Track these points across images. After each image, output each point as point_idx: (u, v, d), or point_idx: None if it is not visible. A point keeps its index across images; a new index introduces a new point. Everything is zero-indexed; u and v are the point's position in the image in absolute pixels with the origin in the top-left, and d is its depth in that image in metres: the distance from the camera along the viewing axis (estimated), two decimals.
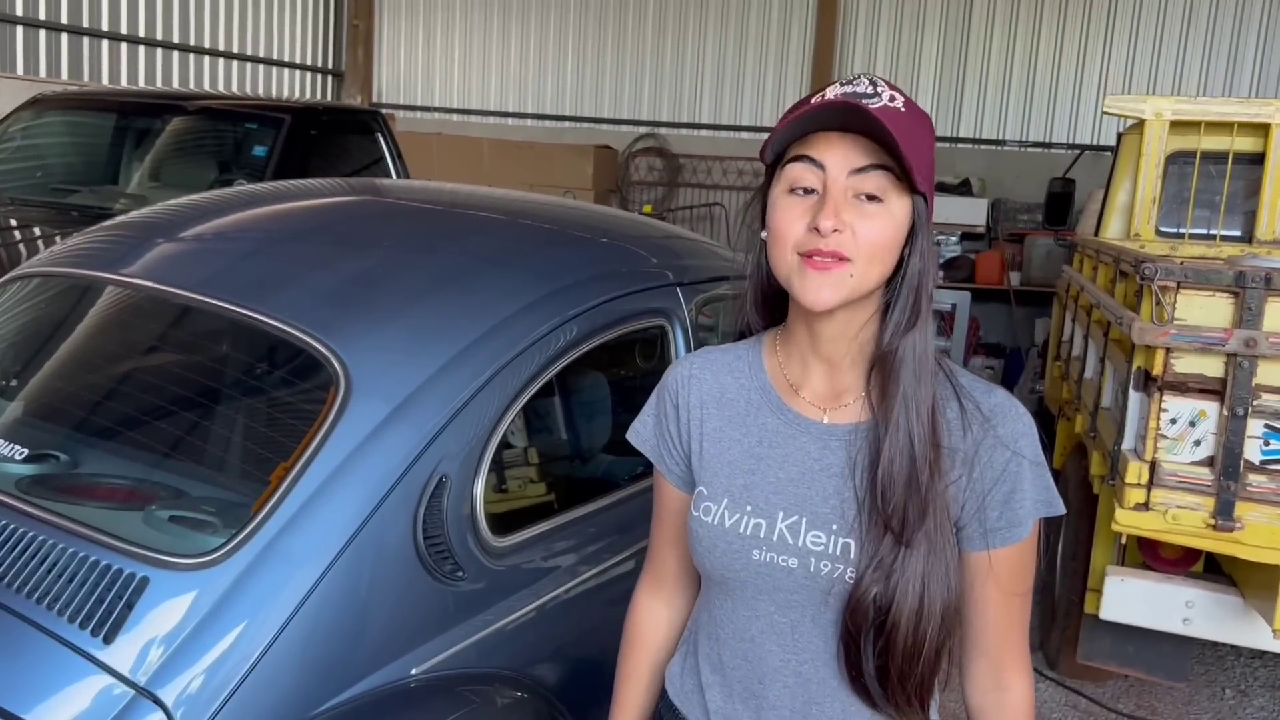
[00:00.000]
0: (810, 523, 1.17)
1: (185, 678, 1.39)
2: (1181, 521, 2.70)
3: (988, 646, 1.21)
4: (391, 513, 1.57)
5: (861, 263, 1.10)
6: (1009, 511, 1.16)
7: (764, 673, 1.22)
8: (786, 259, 1.13)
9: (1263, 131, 4.17)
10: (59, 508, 1.58)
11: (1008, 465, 1.15)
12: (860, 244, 1.10)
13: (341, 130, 5.62)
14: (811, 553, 1.16)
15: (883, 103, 1.10)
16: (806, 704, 1.21)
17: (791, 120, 1.12)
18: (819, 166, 1.11)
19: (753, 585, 1.20)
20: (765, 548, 1.18)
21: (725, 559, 1.20)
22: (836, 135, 1.11)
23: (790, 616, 1.19)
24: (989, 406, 1.17)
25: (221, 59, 9.93)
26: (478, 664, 1.71)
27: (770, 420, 1.22)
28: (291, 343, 1.70)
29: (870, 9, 9.98)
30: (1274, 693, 3.78)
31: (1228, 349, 2.61)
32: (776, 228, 1.14)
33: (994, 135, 9.81)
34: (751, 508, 1.20)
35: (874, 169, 1.10)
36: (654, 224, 2.88)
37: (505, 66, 11.16)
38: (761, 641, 1.21)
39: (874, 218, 1.11)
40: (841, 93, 1.11)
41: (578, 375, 2.19)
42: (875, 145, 1.10)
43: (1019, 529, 1.16)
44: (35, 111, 5.40)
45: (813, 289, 1.11)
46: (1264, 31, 9.06)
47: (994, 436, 1.15)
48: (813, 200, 1.12)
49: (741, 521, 1.20)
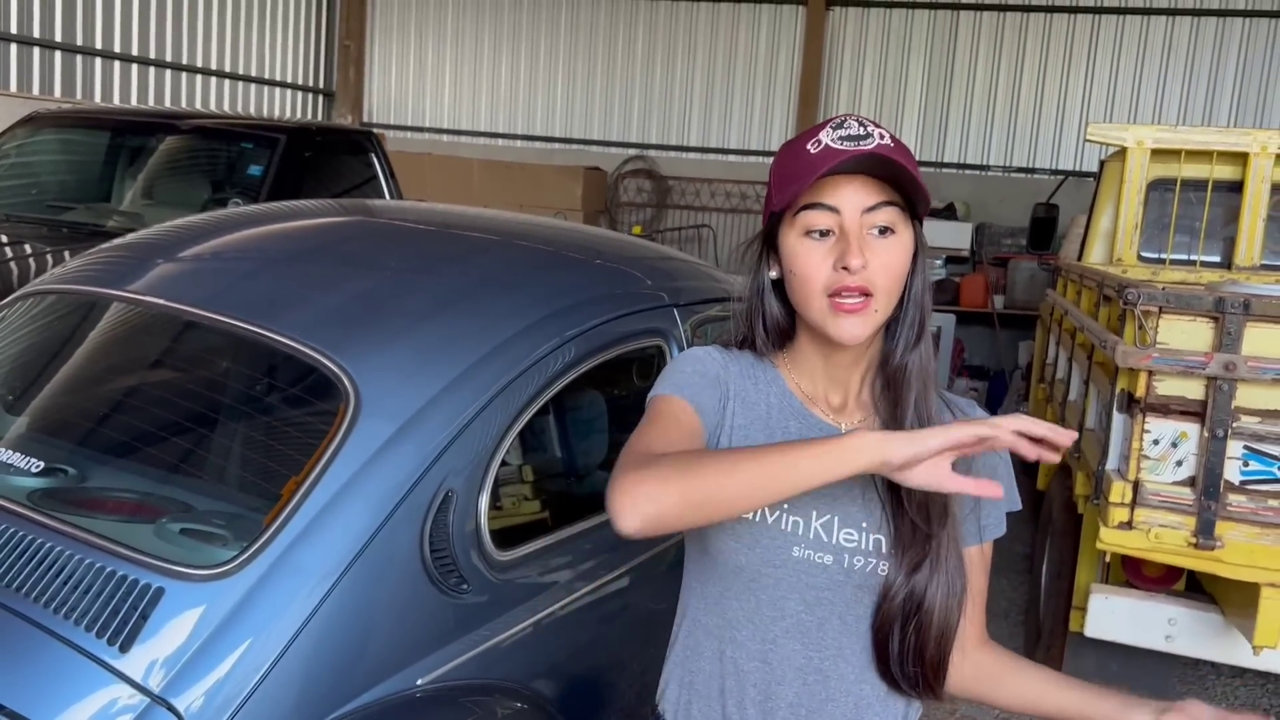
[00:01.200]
0: (842, 521, 1.23)
1: (199, 686, 1.42)
2: (1164, 540, 2.76)
3: (974, 615, 1.35)
4: (399, 526, 1.61)
5: (883, 296, 1.20)
6: (996, 508, 1.32)
7: (785, 673, 1.25)
8: (816, 303, 1.21)
9: (1241, 160, 4.27)
10: (74, 519, 1.61)
11: (997, 468, 1.29)
12: (880, 275, 1.18)
13: (335, 150, 5.66)
14: (845, 549, 1.23)
15: (876, 142, 1.17)
16: (824, 701, 1.25)
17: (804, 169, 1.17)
18: (833, 210, 1.19)
19: (787, 583, 1.24)
20: (804, 545, 1.23)
21: (767, 554, 1.24)
22: (844, 177, 1.18)
23: (818, 614, 1.24)
24: (975, 414, 1.30)
25: (214, 78, 9.98)
26: (480, 675, 1.74)
27: (793, 424, 1.28)
28: (302, 360, 1.74)
29: (857, 35, 10.13)
30: (1254, 711, 3.84)
31: (1208, 372, 2.68)
32: (802, 273, 1.21)
33: (978, 160, 9.95)
34: (788, 506, 1.24)
35: (884, 206, 1.19)
36: (650, 246, 2.94)
37: (495, 88, 11.24)
38: (784, 642, 1.25)
39: (890, 251, 1.19)
40: (839, 137, 1.18)
41: (578, 394, 2.24)
42: (880, 182, 1.18)
43: (1003, 523, 1.33)
44: (31, 129, 5.42)
45: (845, 328, 1.19)
46: (1242, 62, 9.24)
47: None
48: (830, 241, 1.19)
49: (782, 519, 1.24)
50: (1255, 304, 2.66)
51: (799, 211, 1.20)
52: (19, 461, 1.73)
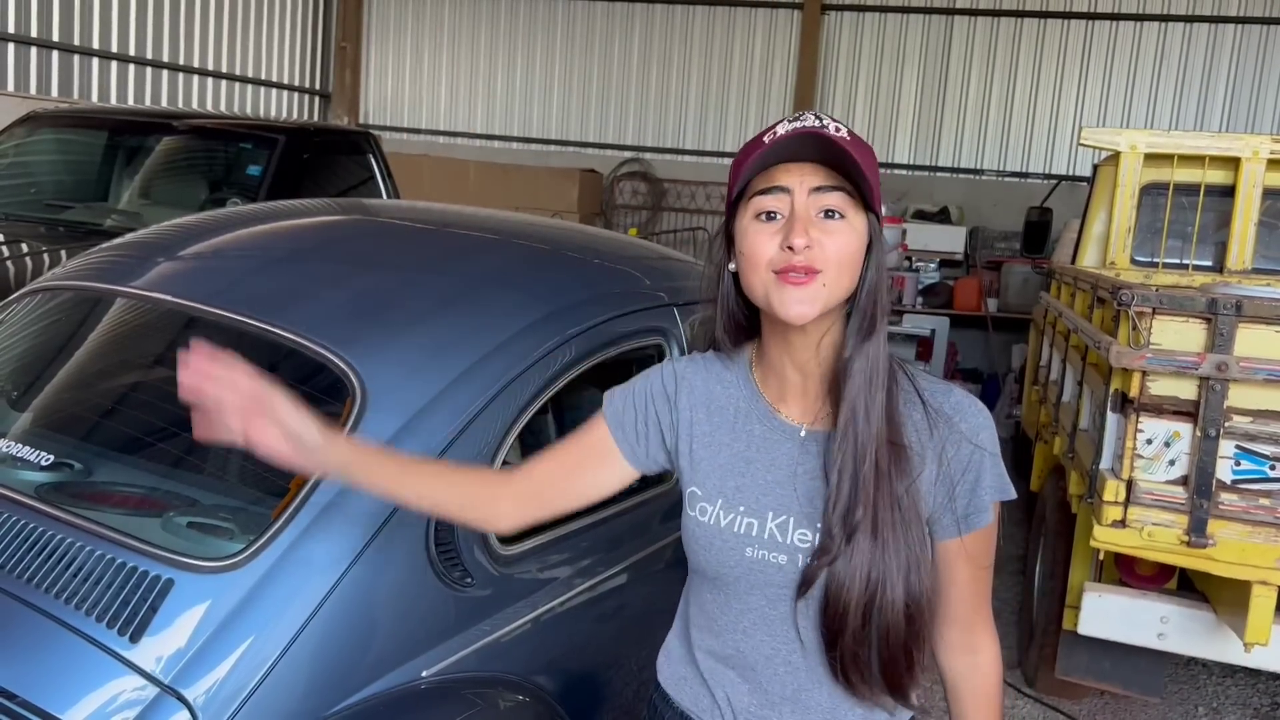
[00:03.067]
0: (796, 522, 1.27)
1: (208, 677, 1.43)
2: (1157, 538, 2.79)
3: (959, 615, 1.33)
4: (405, 520, 1.63)
5: (831, 273, 1.20)
6: (975, 499, 1.27)
7: (756, 661, 1.31)
8: (762, 278, 1.22)
9: (1233, 165, 4.31)
10: (84, 512, 1.62)
11: (971, 457, 1.26)
12: (829, 256, 1.20)
13: (334, 151, 5.68)
14: (799, 549, 1.26)
15: (829, 135, 1.20)
16: (797, 691, 1.30)
17: (756, 156, 1.21)
18: (783, 191, 1.21)
19: (745, 580, 1.29)
20: (757, 545, 1.28)
21: (721, 555, 1.30)
22: (794, 164, 1.22)
23: (780, 609, 1.28)
24: (950, 405, 1.28)
25: (210, 78, 9.99)
26: (483, 669, 1.76)
27: (757, 427, 1.32)
28: (309, 356, 1.76)
29: (852, 39, 10.17)
30: (1244, 710, 3.88)
31: (1201, 372, 2.71)
32: (750, 252, 1.23)
33: (972, 165, 10.00)
34: (744, 508, 1.29)
35: (832, 189, 1.21)
36: (648, 246, 2.96)
37: (492, 90, 11.26)
38: (753, 633, 1.31)
39: (838, 233, 1.21)
40: (793, 128, 1.21)
41: (579, 393, 2.26)
42: (830, 170, 1.21)
43: (985, 514, 1.28)
44: (29, 128, 5.43)
45: (792, 303, 1.20)
46: (1234, 68, 9.31)
47: (957, 432, 1.26)
48: (779, 224, 1.21)
49: (736, 521, 1.29)
50: (1247, 305, 2.69)
51: (752, 197, 1.23)
52: (28, 455, 1.75)
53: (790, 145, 1.20)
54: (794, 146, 1.20)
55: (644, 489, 2.20)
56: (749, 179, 1.23)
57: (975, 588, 1.33)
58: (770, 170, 1.22)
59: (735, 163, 1.26)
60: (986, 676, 1.36)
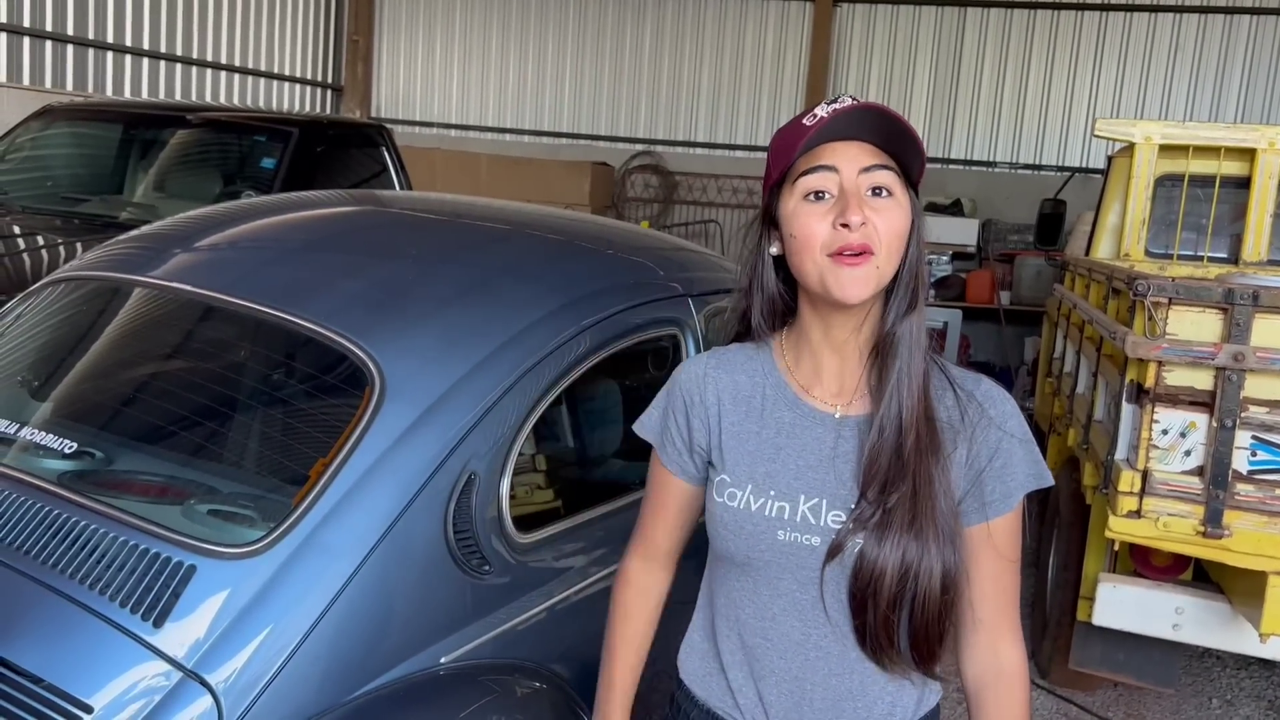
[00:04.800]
0: (830, 504, 1.26)
1: (231, 662, 1.45)
2: (1172, 529, 2.79)
3: (985, 616, 1.30)
4: (424, 508, 1.64)
5: (883, 254, 1.20)
6: (1002, 484, 1.27)
7: (785, 648, 1.30)
8: (816, 260, 1.21)
9: (1249, 156, 4.28)
10: (108, 499, 1.64)
11: (1000, 443, 1.27)
12: (881, 235, 1.20)
13: (347, 144, 5.70)
14: (833, 529, 1.25)
15: (889, 111, 1.20)
16: (827, 676, 1.29)
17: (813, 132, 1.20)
18: (831, 170, 1.21)
19: (776, 565, 1.28)
20: (789, 528, 1.27)
21: (751, 540, 1.29)
22: (840, 144, 1.22)
23: (810, 594, 1.27)
24: (980, 393, 1.29)
25: (223, 72, 10.02)
26: (501, 655, 1.77)
27: (786, 414, 1.31)
28: (328, 345, 1.77)
29: (864, 32, 10.14)
30: (1258, 702, 3.87)
31: (1217, 363, 2.70)
32: (801, 234, 1.22)
33: (985, 157, 9.96)
34: (775, 493, 1.28)
35: (879, 168, 1.21)
36: (663, 237, 2.96)
37: (504, 83, 11.26)
38: (783, 619, 1.29)
39: (888, 210, 1.21)
40: (834, 109, 1.20)
41: (595, 383, 2.27)
42: (876, 149, 1.21)
43: (1011, 499, 1.27)
44: (45, 121, 5.46)
45: (847, 284, 1.19)
46: (1249, 59, 9.24)
47: (986, 418, 1.27)
48: (828, 204, 1.21)
49: (766, 505, 1.28)
50: (1264, 295, 2.68)
51: (798, 178, 1.23)
52: (53, 443, 1.77)
53: (849, 121, 1.20)
54: (853, 121, 1.20)
55: None
56: (797, 159, 1.22)
57: (1001, 584, 1.30)
58: (816, 150, 1.22)
59: (778, 146, 1.25)
60: (1012, 688, 1.31)
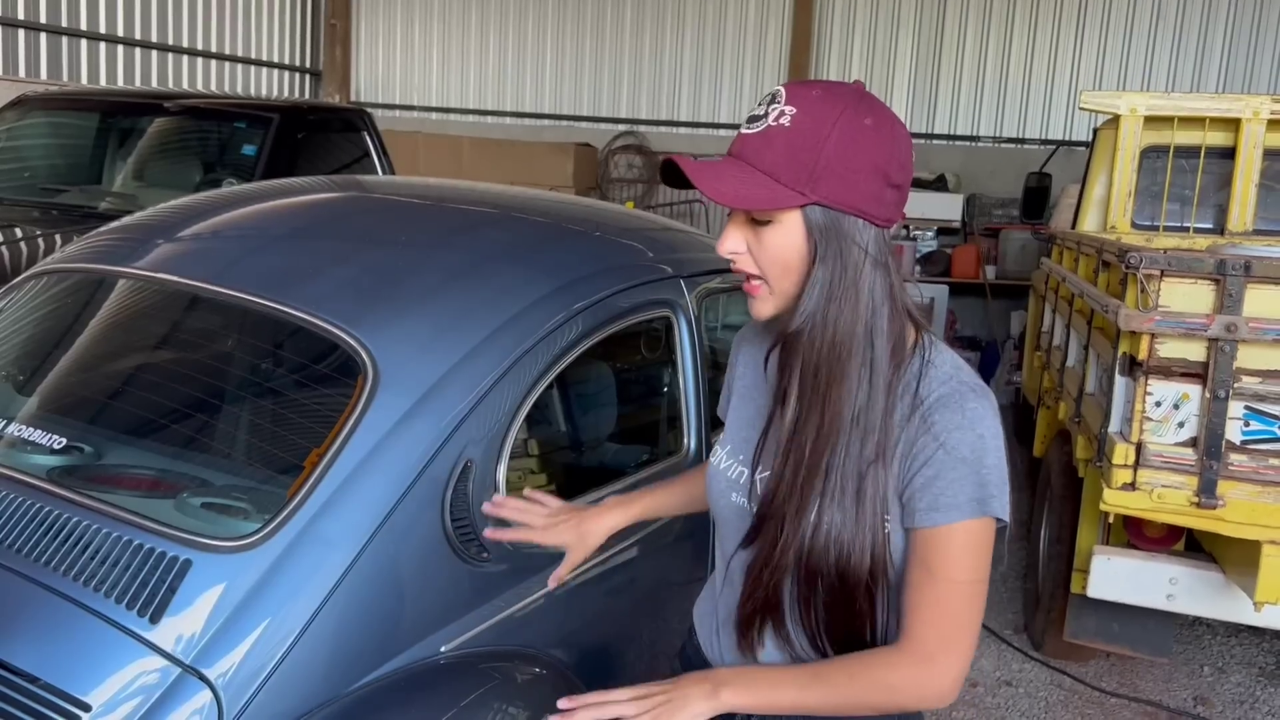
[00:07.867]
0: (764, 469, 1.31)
1: (230, 656, 1.43)
2: (1167, 500, 2.80)
3: (911, 627, 1.20)
4: (421, 496, 1.62)
5: (773, 279, 1.21)
6: (928, 496, 1.18)
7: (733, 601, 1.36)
8: None
9: (1233, 126, 4.29)
10: (99, 494, 1.62)
11: (934, 455, 1.17)
12: (762, 262, 1.21)
13: (329, 129, 5.64)
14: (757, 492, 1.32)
15: (766, 124, 1.16)
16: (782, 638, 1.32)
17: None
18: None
19: (732, 523, 1.35)
20: (740, 492, 1.33)
21: (715, 496, 1.39)
22: None
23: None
24: (937, 396, 1.19)
25: (200, 58, 9.89)
26: (500, 642, 1.76)
27: (763, 385, 1.36)
28: (319, 334, 1.74)
29: (846, 6, 10.08)
30: (1249, 669, 3.90)
31: (1210, 334, 2.71)
32: None
33: (968, 131, 9.94)
34: (743, 457, 1.34)
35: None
36: (651, 218, 2.94)
37: (484, 65, 11.16)
38: (736, 582, 1.35)
39: (768, 237, 1.19)
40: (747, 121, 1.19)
41: (588, 367, 2.25)
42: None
43: (936, 514, 1.18)
44: (20, 112, 5.38)
45: (754, 305, 1.26)
46: (1229, 30, 9.24)
47: (927, 425, 1.19)
48: None
49: (732, 468, 1.36)
50: (1256, 265, 2.68)
51: None
52: (40, 438, 1.74)
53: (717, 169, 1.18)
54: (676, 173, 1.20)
55: (652, 463, 2.20)
56: None
57: (933, 600, 1.19)
58: None
59: None
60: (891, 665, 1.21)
